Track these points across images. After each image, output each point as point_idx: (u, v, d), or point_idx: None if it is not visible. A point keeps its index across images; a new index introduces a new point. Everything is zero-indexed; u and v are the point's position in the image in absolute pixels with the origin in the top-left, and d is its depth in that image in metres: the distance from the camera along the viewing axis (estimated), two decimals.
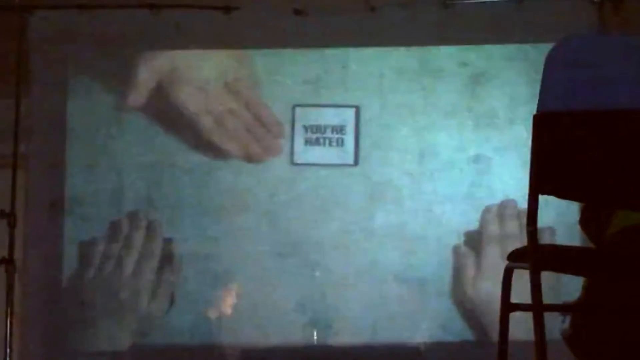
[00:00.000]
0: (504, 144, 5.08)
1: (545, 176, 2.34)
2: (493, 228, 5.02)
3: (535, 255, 2.33)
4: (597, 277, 2.68)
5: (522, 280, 2.47)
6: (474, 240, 5.04)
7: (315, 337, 5.07)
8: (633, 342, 2.63)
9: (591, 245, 3.02)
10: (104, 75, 5.27)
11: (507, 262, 2.55)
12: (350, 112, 5.20)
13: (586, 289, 2.81)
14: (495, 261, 4.92)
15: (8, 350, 4.80)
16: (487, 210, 5.04)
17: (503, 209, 5.02)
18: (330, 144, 5.19)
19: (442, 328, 5.03)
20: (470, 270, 5.02)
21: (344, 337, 5.08)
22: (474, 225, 5.06)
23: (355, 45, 5.21)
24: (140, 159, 5.23)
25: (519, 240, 4.78)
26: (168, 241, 5.17)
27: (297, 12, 5.15)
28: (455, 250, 5.04)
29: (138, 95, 5.24)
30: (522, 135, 4.75)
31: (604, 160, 2.33)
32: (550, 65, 2.31)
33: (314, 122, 5.21)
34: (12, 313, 4.82)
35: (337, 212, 5.13)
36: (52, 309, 5.14)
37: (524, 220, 2.41)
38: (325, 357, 5.08)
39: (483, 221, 5.03)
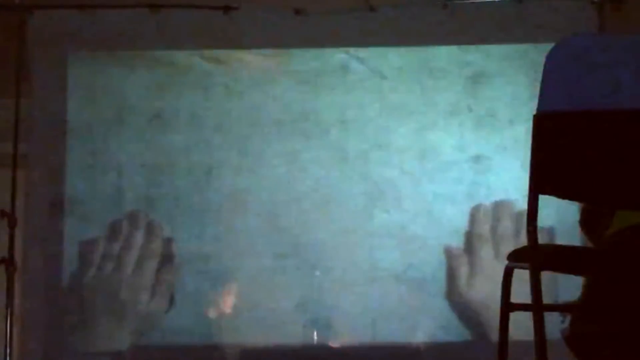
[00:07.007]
0: (504, 144, 5.08)
1: (545, 176, 2.33)
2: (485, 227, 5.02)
3: (535, 255, 2.33)
4: (597, 277, 2.68)
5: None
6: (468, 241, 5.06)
7: (315, 337, 5.07)
8: (633, 342, 2.63)
9: (591, 245, 3.02)
10: (104, 75, 5.27)
11: (507, 262, 2.55)
12: (351, 112, 5.20)
13: (586, 289, 2.80)
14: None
15: (8, 350, 4.80)
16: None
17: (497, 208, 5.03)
18: (330, 144, 5.19)
19: (442, 328, 5.03)
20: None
21: (344, 337, 5.08)
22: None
23: (355, 45, 5.21)
24: (140, 159, 5.23)
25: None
26: (168, 241, 5.17)
27: (297, 12, 5.15)
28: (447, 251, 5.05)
29: (138, 96, 5.24)
30: (522, 135, 4.75)
31: (604, 160, 2.33)
32: (550, 65, 2.31)
33: (314, 121, 5.21)
34: (12, 313, 4.82)
35: (337, 212, 5.13)
36: (52, 309, 5.14)
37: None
38: (325, 357, 5.07)
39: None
